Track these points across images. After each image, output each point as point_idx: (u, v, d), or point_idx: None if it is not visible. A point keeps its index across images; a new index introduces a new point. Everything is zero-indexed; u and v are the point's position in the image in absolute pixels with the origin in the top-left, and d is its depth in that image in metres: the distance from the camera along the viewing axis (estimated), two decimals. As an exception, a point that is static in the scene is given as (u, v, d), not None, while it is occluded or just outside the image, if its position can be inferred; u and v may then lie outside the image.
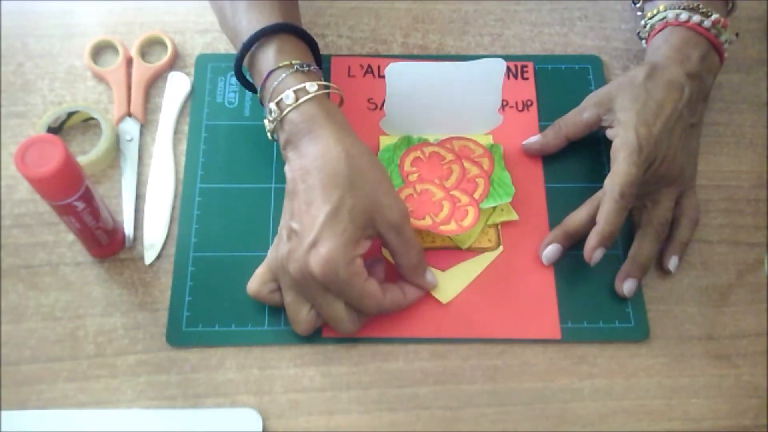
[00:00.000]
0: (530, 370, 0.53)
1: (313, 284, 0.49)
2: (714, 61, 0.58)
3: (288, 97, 0.51)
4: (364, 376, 0.52)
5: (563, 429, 0.51)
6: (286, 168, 0.52)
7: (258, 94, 0.54)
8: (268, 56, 0.53)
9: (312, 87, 0.51)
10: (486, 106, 0.59)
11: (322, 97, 0.52)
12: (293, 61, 0.52)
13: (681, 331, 0.55)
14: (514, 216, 0.57)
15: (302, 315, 0.51)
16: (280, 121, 0.51)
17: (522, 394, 0.52)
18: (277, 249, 0.51)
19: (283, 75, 0.52)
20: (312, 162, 0.49)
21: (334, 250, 0.47)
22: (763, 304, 0.56)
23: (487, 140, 0.60)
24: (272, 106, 0.52)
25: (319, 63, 0.56)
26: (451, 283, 0.55)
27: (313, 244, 0.48)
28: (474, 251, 0.56)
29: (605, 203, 0.52)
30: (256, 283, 0.53)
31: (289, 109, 0.51)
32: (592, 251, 0.52)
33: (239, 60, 0.54)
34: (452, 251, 0.56)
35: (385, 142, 0.60)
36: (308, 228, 0.48)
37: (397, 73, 0.55)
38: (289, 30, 0.54)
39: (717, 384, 0.53)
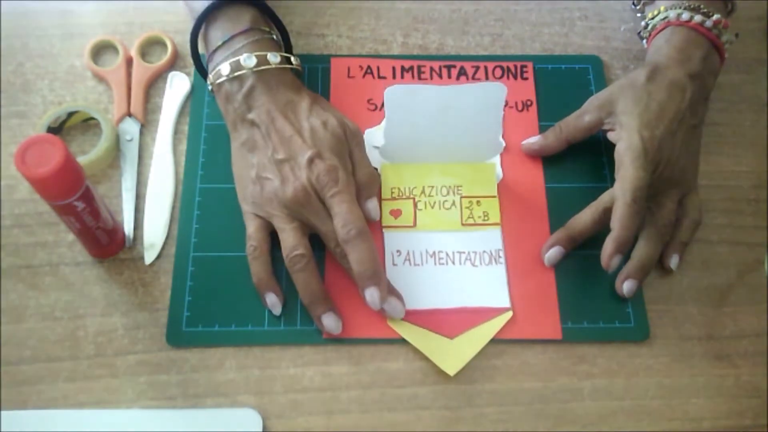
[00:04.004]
0: (530, 370, 0.53)
1: (314, 187, 0.51)
2: (715, 62, 0.58)
3: (250, 59, 0.54)
4: (364, 376, 0.52)
5: (563, 429, 0.51)
6: (252, 116, 0.54)
7: (216, 47, 0.56)
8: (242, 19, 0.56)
9: (275, 58, 0.55)
10: (487, 132, 0.57)
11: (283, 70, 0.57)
12: (263, 27, 0.57)
13: (681, 331, 0.55)
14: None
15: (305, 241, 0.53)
16: (255, 72, 0.54)
17: (522, 394, 0.52)
18: (262, 195, 0.53)
19: (257, 37, 0.56)
20: (281, 106, 0.54)
21: (335, 114, 0.55)
22: (763, 304, 0.56)
23: (491, 175, 0.59)
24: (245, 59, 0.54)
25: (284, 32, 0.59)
26: (459, 352, 0.52)
27: (315, 129, 0.53)
28: (484, 313, 0.54)
29: (618, 209, 0.52)
30: (260, 269, 0.54)
31: (263, 67, 0.55)
32: (610, 258, 0.52)
33: (199, 24, 0.57)
34: (461, 315, 0.54)
35: (386, 170, 0.59)
36: (297, 135, 0.53)
37: (396, 95, 0.54)
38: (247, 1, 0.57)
39: (717, 384, 0.53)
